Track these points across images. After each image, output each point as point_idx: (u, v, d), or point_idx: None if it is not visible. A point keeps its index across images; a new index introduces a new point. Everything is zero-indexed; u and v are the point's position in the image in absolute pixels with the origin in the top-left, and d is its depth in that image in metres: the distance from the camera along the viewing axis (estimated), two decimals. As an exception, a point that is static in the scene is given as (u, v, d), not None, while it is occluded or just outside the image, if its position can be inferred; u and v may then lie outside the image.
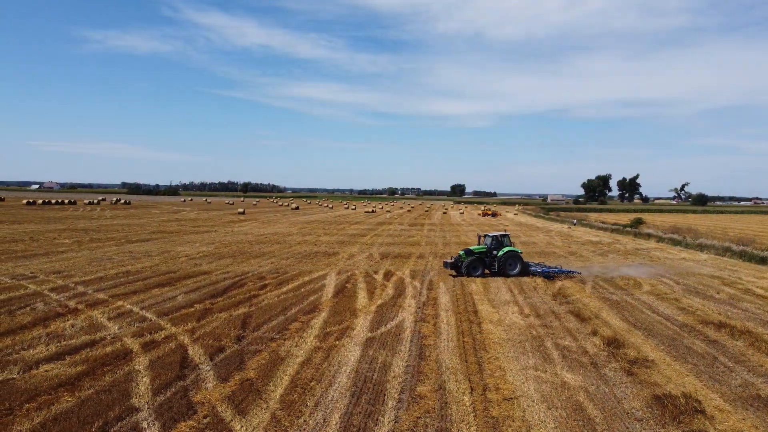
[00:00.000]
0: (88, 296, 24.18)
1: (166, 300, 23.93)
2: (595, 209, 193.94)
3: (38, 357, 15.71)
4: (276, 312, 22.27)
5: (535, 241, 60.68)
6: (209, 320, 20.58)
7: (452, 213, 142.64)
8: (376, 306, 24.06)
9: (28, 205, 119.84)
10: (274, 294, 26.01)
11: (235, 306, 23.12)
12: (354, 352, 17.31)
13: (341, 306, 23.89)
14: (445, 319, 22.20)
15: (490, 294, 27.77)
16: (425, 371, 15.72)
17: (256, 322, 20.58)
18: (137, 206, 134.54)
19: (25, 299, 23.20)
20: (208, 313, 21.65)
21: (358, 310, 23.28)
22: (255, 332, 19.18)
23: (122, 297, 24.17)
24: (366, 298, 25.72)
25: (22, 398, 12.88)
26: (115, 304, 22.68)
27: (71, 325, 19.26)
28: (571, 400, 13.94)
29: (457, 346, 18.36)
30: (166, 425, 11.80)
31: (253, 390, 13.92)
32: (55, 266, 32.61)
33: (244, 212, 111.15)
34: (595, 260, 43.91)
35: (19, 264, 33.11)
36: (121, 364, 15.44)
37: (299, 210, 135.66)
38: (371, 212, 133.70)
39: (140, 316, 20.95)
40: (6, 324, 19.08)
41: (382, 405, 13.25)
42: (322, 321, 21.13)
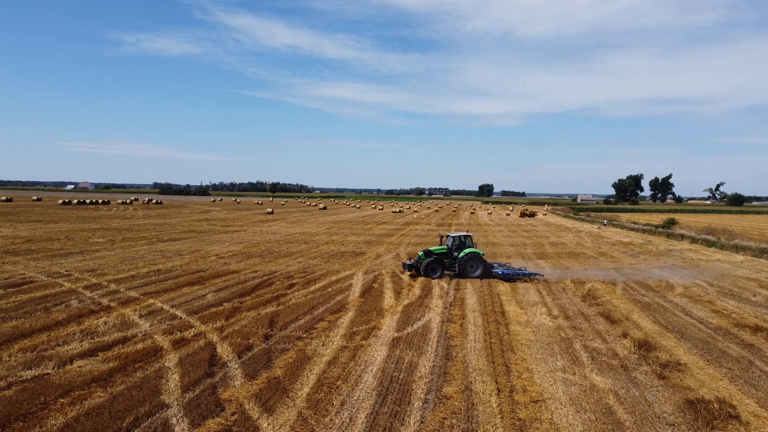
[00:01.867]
0: (121, 294, 24.68)
1: (195, 298, 24.28)
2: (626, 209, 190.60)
3: (72, 353, 16.08)
4: (303, 311, 22.42)
5: (565, 242, 59.92)
6: (238, 319, 20.82)
7: (480, 213, 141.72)
8: (403, 306, 24.04)
9: (64, 205, 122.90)
10: (302, 293, 26.18)
11: (263, 305, 23.34)
12: (380, 351, 17.32)
13: (368, 306, 23.93)
14: (472, 319, 22.07)
15: (518, 295, 27.51)
16: (452, 372, 15.65)
17: (284, 321, 20.75)
18: (168, 206, 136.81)
19: (60, 297, 23.78)
20: (237, 312, 21.90)
21: (385, 309, 23.30)
22: (282, 331, 19.34)
23: (153, 295, 24.61)
24: (393, 298, 25.72)
25: (56, 393, 13.20)
26: (147, 302, 23.10)
27: (104, 322, 19.69)
28: (600, 403, 13.72)
29: (484, 347, 18.23)
30: (194, 422, 11.97)
31: (280, 388, 14.03)
32: (89, 264, 33.36)
33: (272, 212, 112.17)
34: (625, 261, 43.16)
35: (55, 262, 33.97)
36: (151, 361, 15.71)
37: (327, 210, 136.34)
38: (398, 212, 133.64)
39: (170, 314, 21.30)
40: (42, 321, 19.59)
41: (408, 405, 13.23)
42: (348, 320, 21.19)
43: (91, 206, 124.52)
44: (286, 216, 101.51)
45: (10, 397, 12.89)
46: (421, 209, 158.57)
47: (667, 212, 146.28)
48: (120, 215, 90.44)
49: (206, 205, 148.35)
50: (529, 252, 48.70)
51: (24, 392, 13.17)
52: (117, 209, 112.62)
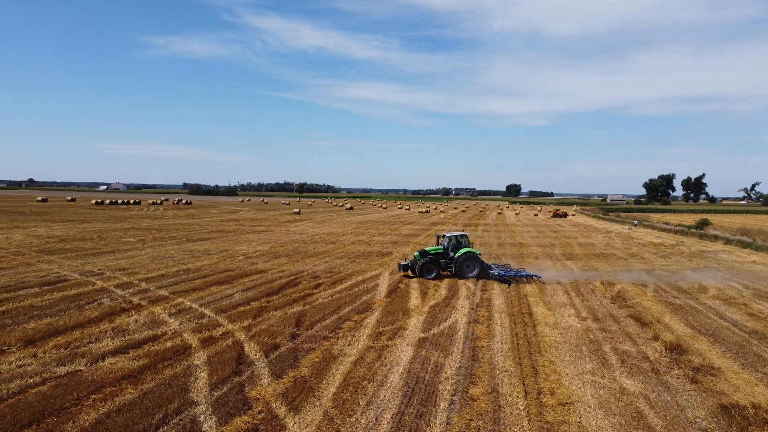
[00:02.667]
0: (151, 293, 25.10)
1: (223, 297, 24.57)
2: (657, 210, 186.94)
3: (104, 350, 16.41)
4: (329, 311, 22.51)
5: (594, 243, 59.07)
6: (265, 318, 21.00)
7: (507, 213, 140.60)
8: (429, 306, 23.97)
9: (97, 205, 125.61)
10: (328, 293, 26.29)
11: (289, 304, 23.50)
12: (406, 352, 17.29)
13: (394, 306, 23.91)
14: (498, 320, 21.89)
15: (546, 296, 27.19)
16: (478, 373, 15.54)
17: (310, 320, 20.86)
18: (197, 206, 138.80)
19: (93, 295, 24.30)
20: (264, 311, 22.09)
21: (411, 310, 23.25)
22: (309, 330, 19.44)
23: (182, 294, 24.97)
24: (419, 299, 25.66)
25: (88, 389, 13.48)
26: (176, 301, 23.45)
27: (135, 320, 20.05)
28: (630, 406, 13.48)
29: (511, 348, 18.06)
30: (222, 419, 12.10)
31: (307, 387, 14.10)
32: (120, 263, 34.03)
33: (299, 212, 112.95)
34: (657, 262, 42.35)
35: (88, 261, 34.72)
36: (180, 359, 15.95)
37: (353, 210, 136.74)
38: (425, 212, 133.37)
39: (199, 312, 21.59)
40: (75, 318, 20.04)
41: (434, 406, 13.18)
42: (374, 320, 21.21)
43: (123, 206, 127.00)
44: (313, 216, 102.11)
45: (45, 392, 13.20)
46: (447, 209, 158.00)
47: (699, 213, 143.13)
48: (150, 215, 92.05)
49: (234, 206, 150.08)
50: (557, 253, 48.12)
51: (58, 388, 13.48)
52: (148, 209, 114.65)
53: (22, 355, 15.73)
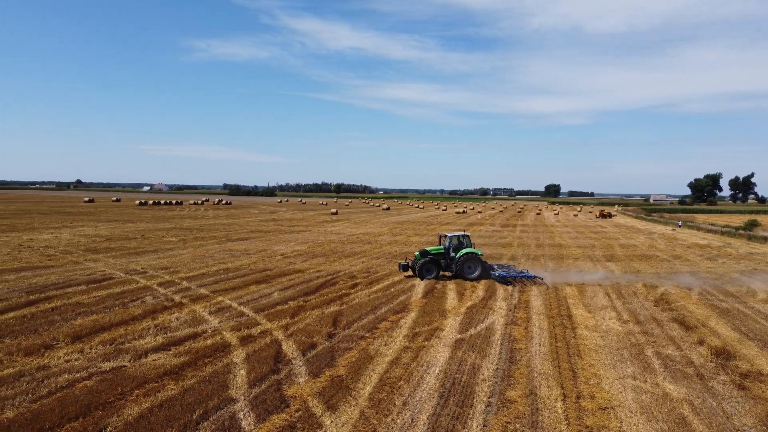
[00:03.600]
0: (192, 291, 25.64)
1: (262, 296, 24.91)
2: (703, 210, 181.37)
3: (147, 347, 16.84)
4: (366, 311, 22.58)
5: (636, 244, 57.71)
6: (302, 317, 21.21)
7: (546, 214, 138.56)
8: (466, 307, 23.81)
9: (140, 206, 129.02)
10: (365, 293, 26.39)
11: (326, 304, 23.68)
12: (443, 353, 17.21)
13: (430, 306, 23.84)
14: (537, 322, 21.60)
15: (586, 298, 26.69)
16: (515, 375, 15.36)
17: (347, 320, 20.97)
18: (237, 206, 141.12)
19: (137, 293, 24.96)
20: (301, 310, 22.31)
21: (448, 311, 23.14)
22: (345, 330, 19.55)
23: (222, 293, 25.43)
24: (455, 299, 25.52)
25: (132, 384, 13.86)
26: (216, 300, 23.90)
27: (176, 318, 20.51)
28: (673, 412, 13.11)
29: (550, 351, 17.79)
30: (260, 417, 12.27)
31: (343, 387, 14.18)
32: (162, 262, 34.86)
33: (336, 212, 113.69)
34: (702, 264, 41.10)
35: (132, 260, 35.69)
36: (220, 357, 16.24)
37: (390, 210, 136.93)
38: (462, 213, 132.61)
39: (238, 311, 21.95)
40: (120, 315, 20.63)
41: (471, 408, 13.08)
42: (411, 321, 21.19)
43: (165, 206, 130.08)
44: (350, 216, 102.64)
45: (91, 387, 13.62)
46: (485, 210, 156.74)
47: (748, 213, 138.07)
48: (192, 215, 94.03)
49: (273, 206, 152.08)
50: (597, 254, 47.20)
51: (103, 383, 13.90)
52: (189, 209, 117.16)
53: (69, 351, 16.27)
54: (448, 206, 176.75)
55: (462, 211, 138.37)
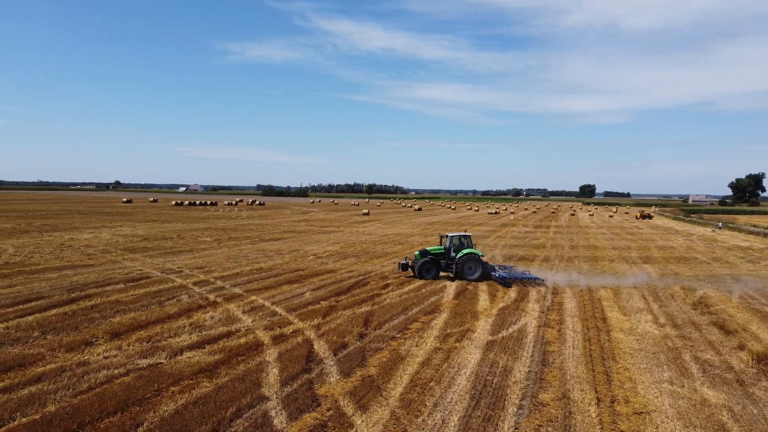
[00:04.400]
0: (226, 290, 26.05)
1: (294, 296, 25.16)
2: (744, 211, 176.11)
3: (182, 345, 17.18)
4: (397, 311, 22.61)
5: (674, 246, 56.40)
6: (334, 317, 21.35)
7: (581, 215, 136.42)
8: (498, 309, 23.63)
9: (176, 206, 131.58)
10: (396, 294, 26.42)
11: (358, 304, 23.79)
12: (474, 354, 17.12)
13: (462, 308, 23.73)
14: (570, 325, 21.30)
15: (621, 301, 26.21)
16: (548, 378, 15.19)
17: (378, 320, 21.03)
18: (270, 207, 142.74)
19: (173, 291, 25.48)
20: (333, 310, 22.46)
21: (479, 312, 23.01)
22: (377, 330, 19.60)
23: (255, 292, 25.77)
24: (487, 301, 25.35)
25: (168, 381, 14.16)
26: (249, 299, 24.23)
27: (211, 316, 20.87)
28: (711, 419, 12.79)
29: (583, 354, 17.53)
30: (292, 415, 12.41)
31: (374, 387, 14.23)
32: (197, 262, 35.51)
33: (368, 213, 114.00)
34: (743, 267, 39.93)
35: (168, 259, 36.44)
36: (253, 355, 16.47)
37: (422, 211, 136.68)
38: (494, 213, 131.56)
39: (271, 310, 22.22)
40: (156, 313, 21.10)
41: (502, 410, 12.99)
42: (442, 322, 21.13)
43: (200, 207, 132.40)
44: (382, 217, 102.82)
45: (129, 383, 13.97)
46: (518, 210, 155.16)
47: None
48: (226, 216, 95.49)
49: (305, 206, 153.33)
50: (633, 256, 46.30)
51: (140, 379, 14.23)
52: (223, 210, 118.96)
53: (108, 347, 16.71)
54: (480, 207, 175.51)
55: (494, 212, 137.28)
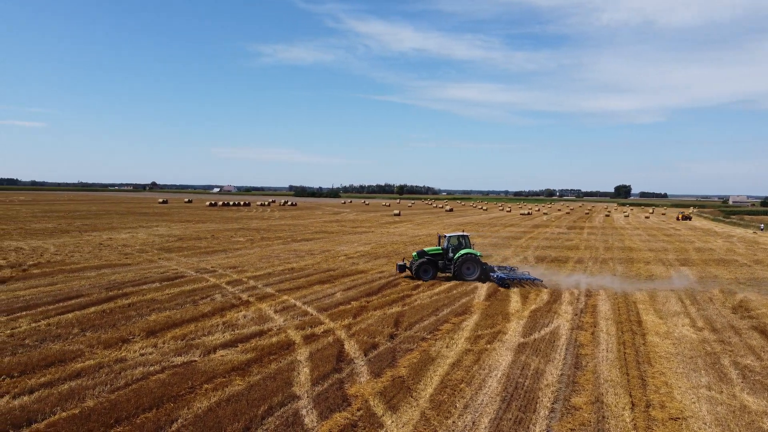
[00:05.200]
0: (258, 290, 26.37)
1: (325, 296, 25.33)
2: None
3: (216, 343, 17.46)
4: (428, 312, 22.56)
5: (713, 248, 54.94)
6: (364, 317, 21.42)
7: (616, 216, 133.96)
8: (530, 311, 23.38)
9: (210, 207, 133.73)
10: (426, 294, 26.36)
11: (388, 305, 23.81)
12: (505, 356, 16.98)
13: (493, 309, 23.55)
14: (604, 328, 20.94)
15: (657, 304, 25.65)
16: (581, 382, 14.97)
17: (409, 321, 21.02)
18: (302, 207, 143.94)
19: (206, 291, 25.92)
20: (364, 311, 22.54)
21: (511, 314, 22.80)
22: (407, 331, 19.60)
23: (287, 292, 26.03)
24: (519, 303, 25.10)
25: (201, 379, 14.41)
26: (281, 298, 24.48)
27: (243, 315, 21.16)
28: (752, 426, 12.42)
29: (618, 357, 17.22)
30: (322, 414, 12.49)
31: (404, 387, 14.23)
32: (231, 262, 36.03)
33: (399, 214, 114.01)
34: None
35: (202, 259, 37.08)
36: (284, 354, 16.63)
37: (453, 212, 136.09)
38: (527, 214, 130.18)
39: (302, 310, 22.41)
40: (191, 312, 21.49)
41: (534, 413, 12.84)
42: (473, 323, 21.01)
43: (234, 207, 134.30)
44: (413, 218, 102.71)
45: (164, 380, 14.26)
46: (551, 211, 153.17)
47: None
48: (258, 216, 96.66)
49: (337, 207, 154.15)
50: (670, 258, 45.28)
51: (175, 376, 14.52)
52: (256, 210, 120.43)
53: (144, 345, 17.09)
54: (512, 208, 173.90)
55: (527, 213, 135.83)
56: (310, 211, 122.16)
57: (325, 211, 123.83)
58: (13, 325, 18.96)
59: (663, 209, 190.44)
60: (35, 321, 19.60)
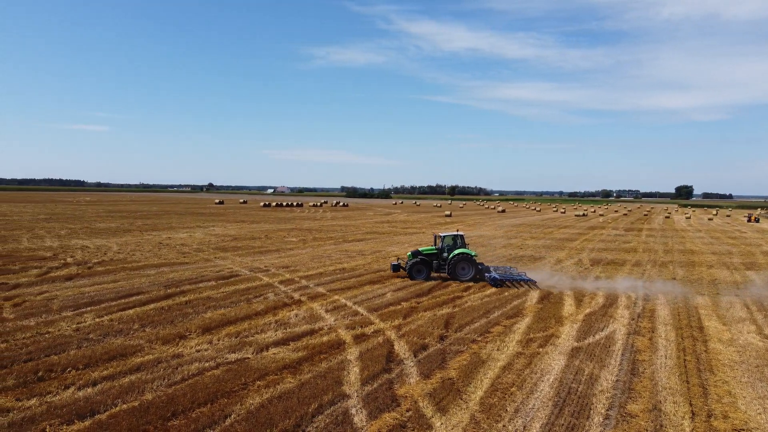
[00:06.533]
0: (310, 290, 26.74)
1: (376, 297, 25.44)
2: None
3: (268, 341, 17.80)
4: (478, 314, 22.34)
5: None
6: (414, 318, 21.40)
7: (676, 217, 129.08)
8: (584, 314, 22.81)
9: (264, 207, 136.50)
10: (477, 296, 26.10)
11: (438, 306, 23.71)
12: (558, 360, 16.62)
13: (546, 312, 23.10)
14: (663, 333, 20.22)
15: (720, 309, 24.58)
16: (637, 389, 14.49)
17: (459, 322, 20.86)
18: (353, 208, 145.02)
19: (260, 290, 26.46)
20: (414, 312, 22.51)
21: (564, 317, 22.30)
22: (457, 333, 19.46)
23: (338, 292, 26.28)
24: (573, 306, 24.52)
25: (254, 376, 14.72)
26: (332, 298, 24.74)
27: (295, 314, 21.50)
28: (824, 440, 11.73)
29: (677, 364, 16.58)
30: (372, 414, 12.55)
31: (454, 389, 14.13)
32: (283, 261, 36.67)
33: (450, 215, 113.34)
34: None
35: (256, 258, 37.88)
36: (335, 353, 16.80)
37: (505, 213, 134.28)
38: (582, 216, 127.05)
39: (353, 310, 22.57)
40: (244, 310, 21.99)
41: (587, 420, 12.52)
42: (525, 326, 20.66)
43: (287, 208, 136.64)
44: (464, 219, 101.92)
45: (218, 376, 14.65)
46: (607, 213, 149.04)
47: None
48: (311, 217, 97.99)
49: (388, 208, 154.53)
50: (735, 262, 43.29)
51: (228, 373, 14.88)
52: (309, 211, 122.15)
53: (200, 341, 17.60)
54: (567, 209, 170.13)
55: (582, 214, 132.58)
56: (361, 212, 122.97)
57: (376, 212, 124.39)
58: (78, 320, 19.90)
59: (728, 210, 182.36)
60: (99, 316, 20.51)
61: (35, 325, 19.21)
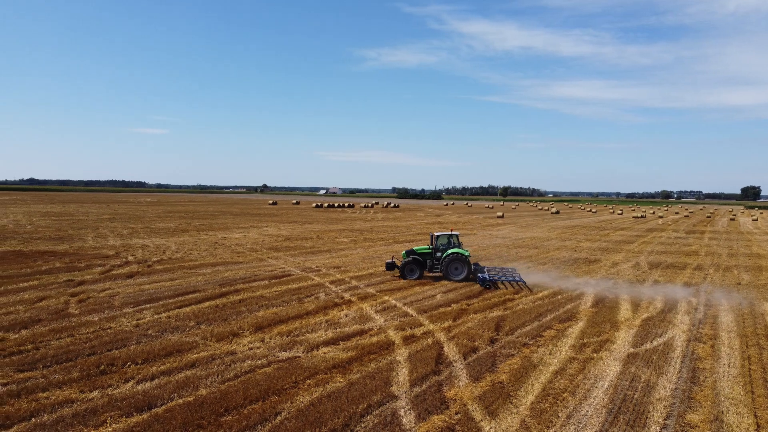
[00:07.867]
0: (360, 290, 26.90)
1: (425, 298, 25.36)
2: None
3: (318, 340, 18.02)
4: (530, 317, 21.95)
5: None
6: (464, 320, 21.21)
7: (742, 219, 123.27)
8: (641, 320, 22.07)
9: (316, 208, 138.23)
10: (529, 299, 25.66)
11: (489, 308, 23.43)
12: (613, 366, 16.14)
13: (601, 317, 22.48)
14: (726, 341, 19.34)
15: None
16: (698, 398, 13.92)
17: (510, 326, 20.56)
18: (404, 209, 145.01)
19: (311, 289, 26.80)
20: (464, 314, 22.32)
21: (620, 322, 21.64)
22: (508, 336, 19.18)
23: (388, 292, 26.33)
24: (629, 310, 23.77)
25: (304, 374, 14.92)
26: (382, 299, 24.81)
27: (345, 314, 21.67)
28: None
29: (741, 373, 15.83)
30: (420, 416, 12.51)
31: (504, 393, 13.93)
32: (334, 262, 37.03)
33: (502, 216, 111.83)
34: None
35: (308, 259, 38.40)
36: (384, 354, 16.84)
37: (559, 214, 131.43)
38: (640, 217, 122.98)
39: (402, 311, 22.57)
40: (296, 310, 22.32)
41: (643, 428, 12.11)
42: (578, 331, 20.17)
43: (339, 209, 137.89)
44: (517, 220, 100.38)
45: (270, 373, 14.92)
46: (667, 214, 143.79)
47: None
48: (362, 217, 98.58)
49: (439, 209, 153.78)
50: (806, 266, 40.94)
51: (280, 371, 15.14)
52: (360, 212, 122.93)
53: (252, 339, 17.98)
54: (624, 210, 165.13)
55: (640, 216, 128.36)
56: (412, 213, 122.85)
57: (427, 213, 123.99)
58: (138, 317, 20.67)
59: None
60: (157, 313, 21.24)
61: (98, 320, 20.07)
